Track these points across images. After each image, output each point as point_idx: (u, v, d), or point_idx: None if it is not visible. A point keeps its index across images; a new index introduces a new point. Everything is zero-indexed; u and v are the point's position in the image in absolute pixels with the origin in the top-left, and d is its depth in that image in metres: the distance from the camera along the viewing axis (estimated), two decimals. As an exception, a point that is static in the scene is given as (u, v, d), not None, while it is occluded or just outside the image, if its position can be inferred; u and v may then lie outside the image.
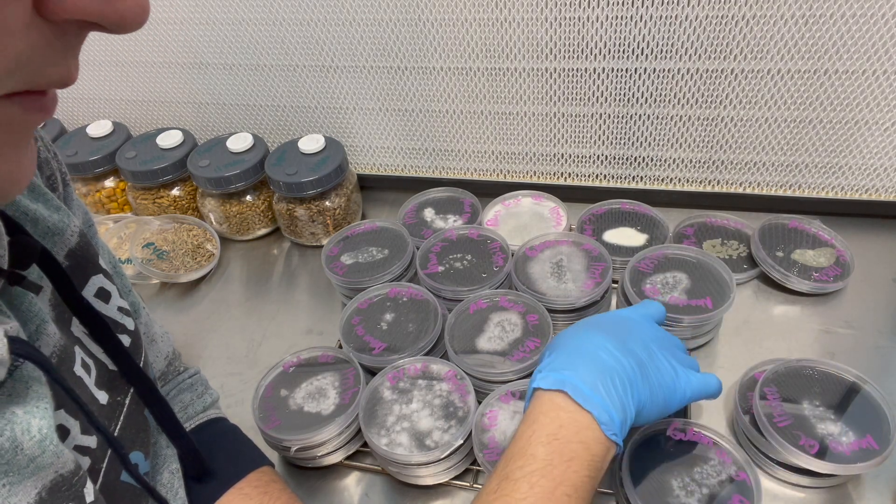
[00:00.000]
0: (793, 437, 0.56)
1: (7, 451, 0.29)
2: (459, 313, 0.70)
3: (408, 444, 0.58)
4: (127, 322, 0.45)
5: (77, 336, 0.40)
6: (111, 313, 0.44)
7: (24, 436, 0.30)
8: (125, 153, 0.93)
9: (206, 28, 0.87)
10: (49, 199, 0.41)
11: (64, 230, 0.41)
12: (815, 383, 0.60)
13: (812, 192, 0.83)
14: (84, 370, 0.39)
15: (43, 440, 0.31)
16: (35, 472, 0.30)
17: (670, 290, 0.69)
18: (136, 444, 0.43)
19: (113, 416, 0.41)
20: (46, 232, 0.40)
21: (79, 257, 0.42)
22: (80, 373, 0.39)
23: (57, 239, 0.40)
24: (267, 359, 0.76)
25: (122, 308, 0.45)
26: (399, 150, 0.95)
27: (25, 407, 0.31)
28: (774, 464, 0.58)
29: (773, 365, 0.62)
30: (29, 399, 0.31)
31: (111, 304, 0.44)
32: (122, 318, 0.45)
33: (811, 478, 0.57)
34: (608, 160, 0.87)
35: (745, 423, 0.60)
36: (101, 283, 0.44)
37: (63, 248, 0.41)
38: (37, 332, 0.36)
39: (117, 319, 0.44)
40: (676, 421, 0.58)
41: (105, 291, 0.44)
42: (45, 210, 0.40)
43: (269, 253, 0.94)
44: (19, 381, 0.31)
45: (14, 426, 0.30)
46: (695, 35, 0.73)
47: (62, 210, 0.41)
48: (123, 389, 0.43)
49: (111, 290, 0.45)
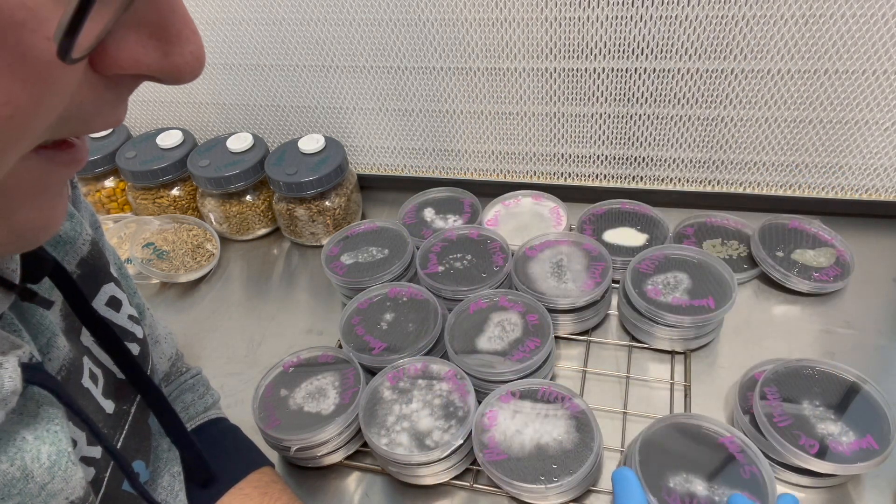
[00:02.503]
0: (793, 436, 0.56)
1: (18, 481, 0.29)
2: (459, 313, 0.70)
3: (408, 444, 0.58)
4: (136, 330, 0.45)
5: (86, 346, 0.40)
6: (122, 322, 0.44)
7: (34, 463, 0.30)
8: (125, 153, 0.93)
9: (206, 28, 0.87)
10: None
11: (76, 239, 0.40)
12: (815, 383, 0.60)
13: (812, 192, 0.83)
14: (91, 381, 0.39)
15: (52, 466, 0.30)
16: (47, 501, 0.30)
17: (672, 290, 0.69)
18: (139, 454, 0.43)
19: (118, 424, 0.41)
20: (59, 241, 0.39)
21: (90, 266, 0.41)
22: (88, 384, 0.38)
23: (69, 248, 0.40)
24: (267, 359, 0.76)
25: (132, 316, 0.45)
26: (399, 150, 0.95)
27: (36, 431, 0.30)
28: (775, 464, 0.58)
29: (773, 365, 0.62)
30: (40, 421, 0.31)
31: (122, 313, 0.44)
32: (131, 327, 0.45)
33: (811, 478, 0.57)
34: (608, 160, 0.87)
35: (745, 423, 0.60)
36: (113, 292, 0.43)
37: (75, 256, 0.40)
38: (47, 346, 0.35)
39: (127, 328, 0.44)
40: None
41: (116, 300, 0.44)
42: None
43: (269, 253, 0.94)
44: (30, 401, 0.31)
45: (24, 454, 0.29)
46: (695, 35, 0.73)
47: (74, 217, 0.41)
48: (129, 398, 0.43)
49: (122, 299, 0.44)
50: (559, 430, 0.59)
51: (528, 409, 0.61)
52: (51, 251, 0.38)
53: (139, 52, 0.22)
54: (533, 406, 0.61)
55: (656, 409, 0.65)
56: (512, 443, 0.58)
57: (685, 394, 0.66)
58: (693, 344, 0.69)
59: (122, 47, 0.22)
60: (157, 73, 0.23)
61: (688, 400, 0.65)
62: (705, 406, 0.65)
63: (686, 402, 0.65)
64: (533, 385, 0.62)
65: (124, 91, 0.24)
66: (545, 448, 0.57)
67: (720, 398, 0.66)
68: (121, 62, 0.22)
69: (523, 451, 0.57)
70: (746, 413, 0.60)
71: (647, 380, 0.68)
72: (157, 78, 0.24)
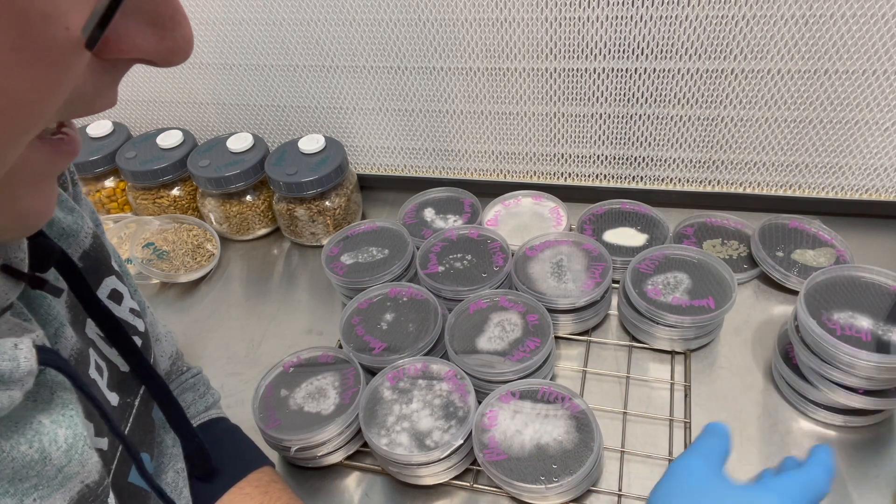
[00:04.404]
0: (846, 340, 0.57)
1: (37, 463, 0.29)
2: (459, 313, 0.70)
3: (408, 444, 0.58)
4: (138, 323, 0.46)
5: (91, 338, 0.40)
6: (123, 315, 0.44)
7: (52, 446, 0.30)
8: (125, 153, 0.93)
9: (206, 28, 0.87)
10: (63, 199, 0.41)
11: (78, 232, 0.41)
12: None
13: (812, 192, 0.83)
14: (97, 373, 0.39)
15: (69, 449, 0.31)
16: (63, 484, 0.30)
17: (672, 290, 0.69)
18: (144, 446, 0.43)
19: (123, 417, 0.41)
20: (62, 234, 0.40)
21: (92, 259, 0.42)
22: (94, 375, 0.39)
23: (72, 241, 0.40)
24: (267, 359, 0.76)
25: (133, 309, 0.45)
26: (399, 150, 0.95)
27: (52, 416, 0.31)
28: (815, 406, 0.62)
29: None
30: (54, 406, 0.31)
31: (123, 306, 0.44)
32: (133, 320, 0.45)
33: (850, 416, 0.61)
34: (608, 160, 0.87)
35: (786, 372, 0.63)
36: (114, 285, 0.44)
37: (78, 249, 0.41)
38: (56, 336, 0.36)
39: (129, 321, 0.45)
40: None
41: (118, 293, 0.44)
42: (60, 212, 0.40)
43: (269, 253, 0.94)
44: (44, 387, 0.31)
45: (42, 437, 0.30)
46: (695, 35, 0.73)
47: (76, 211, 0.41)
48: (133, 391, 0.43)
49: (123, 292, 0.45)
50: (559, 430, 0.59)
51: (528, 409, 0.61)
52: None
53: (138, 38, 0.24)
54: (533, 406, 0.61)
55: (656, 409, 0.65)
56: (512, 443, 0.58)
57: (685, 394, 0.66)
58: (693, 344, 0.69)
59: (123, 34, 0.24)
60: (153, 57, 0.25)
61: (688, 400, 0.65)
62: (706, 406, 0.65)
63: (686, 402, 0.65)
64: (533, 385, 0.62)
65: (118, 74, 0.26)
66: (545, 448, 0.57)
67: (720, 398, 0.66)
68: (122, 47, 0.24)
69: (523, 451, 0.57)
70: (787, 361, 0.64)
71: (647, 380, 0.68)
72: (152, 61, 0.26)
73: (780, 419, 0.63)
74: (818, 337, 0.57)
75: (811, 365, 0.59)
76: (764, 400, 0.65)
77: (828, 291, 0.62)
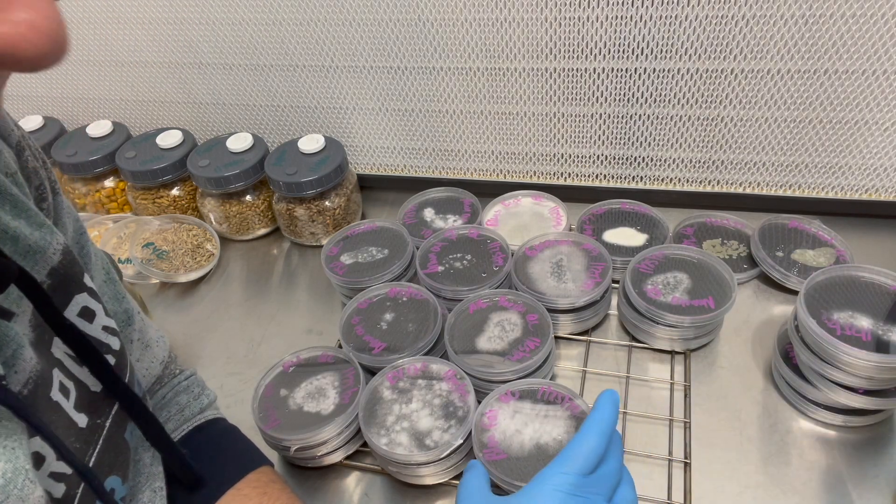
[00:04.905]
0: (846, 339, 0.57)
1: None
2: (459, 313, 0.70)
3: (408, 444, 0.58)
4: (112, 342, 0.44)
5: (58, 358, 0.39)
6: (95, 333, 0.42)
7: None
8: (125, 153, 0.93)
9: (206, 28, 0.87)
10: (32, 215, 0.39)
11: (46, 248, 0.39)
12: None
13: (812, 192, 0.83)
14: (62, 394, 0.38)
15: (7, 485, 0.29)
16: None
17: (671, 290, 0.69)
18: (115, 468, 0.42)
19: (92, 439, 0.40)
20: (27, 250, 0.38)
21: (62, 276, 0.40)
22: (58, 397, 0.37)
23: (38, 257, 0.39)
24: (267, 359, 0.76)
25: (106, 327, 0.43)
26: (399, 150, 0.95)
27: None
28: (815, 405, 0.62)
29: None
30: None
31: (95, 324, 0.42)
32: (106, 338, 0.43)
33: (850, 416, 0.60)
34: (608, 160, 0.87)
35: (786, 372, 0.63)
36: (86, 303, 0.42)
37: (45, 266, 0.39)
38: (12, 358, 0.34)
39: (102, 339, 0.43)
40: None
41: (89, 311, 0.42)
42: (27, 228, 0.38)
43: (268, 253, 0.94)
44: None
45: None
46: (695, 35, 0.73)
47: (45, 227, 0.39)
48: (105, 411, 0.42)
49: (96, 310, 0.43)
50: (559, 430, 0.59)
51: (528, 409, 0.61)
52: (19, 261, 0.36)
53: None
54: (533, 406, 0.61)
55: (656, 409, 0.65)
56: (512, 443, 0.58)
57: (685, 394, 0.66)
58: (693, 344, 0.69)
59: None
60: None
61: (688, 400, 0.65)
62: (705, 406, 0.65)
63: (686, 402, 0.65)
64: (533, 385, 0.62)
65: None
66: (545, 448, 0.57)
67: (720, 398, 0.66)
68: None
69: (523, 451, 0.57)
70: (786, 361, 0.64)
71: (647, 380, 0.68)
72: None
73: (779, 419, 0.63)
74: (818, 337, 0.57)
75: (811, 365, 0.59)
76: (764, 400, 0.65)
77: (828, 291, 0.62)
